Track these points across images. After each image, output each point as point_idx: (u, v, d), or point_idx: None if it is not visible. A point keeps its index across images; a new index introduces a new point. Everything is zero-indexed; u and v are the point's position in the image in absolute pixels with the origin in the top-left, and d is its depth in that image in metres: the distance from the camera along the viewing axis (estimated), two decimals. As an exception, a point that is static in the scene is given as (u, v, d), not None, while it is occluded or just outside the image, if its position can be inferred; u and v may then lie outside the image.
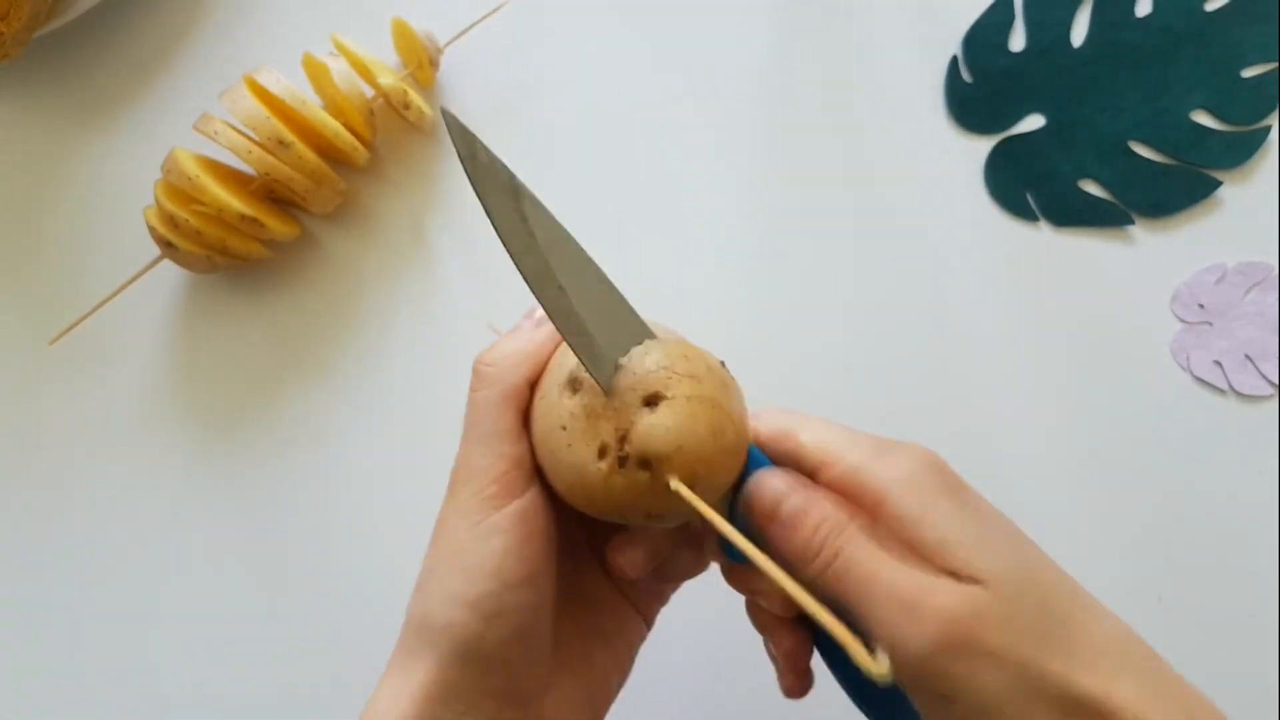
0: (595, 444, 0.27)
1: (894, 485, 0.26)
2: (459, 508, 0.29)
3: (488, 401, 0.30)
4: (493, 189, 0.28)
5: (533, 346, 0.30)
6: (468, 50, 0.48)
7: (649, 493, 0.26)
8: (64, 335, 0.47)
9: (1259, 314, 0.44)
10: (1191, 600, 0.42)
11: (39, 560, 0.48)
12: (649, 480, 0.26)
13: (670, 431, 0.26)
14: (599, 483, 0.27)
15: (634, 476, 0.26)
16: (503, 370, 0.30)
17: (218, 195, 0.43)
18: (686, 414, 0.26)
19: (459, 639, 0.27)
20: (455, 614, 0.27)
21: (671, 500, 0.26)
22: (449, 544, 0.29)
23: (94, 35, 0.51)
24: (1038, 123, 0.46)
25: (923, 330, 0.45)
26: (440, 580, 0.28)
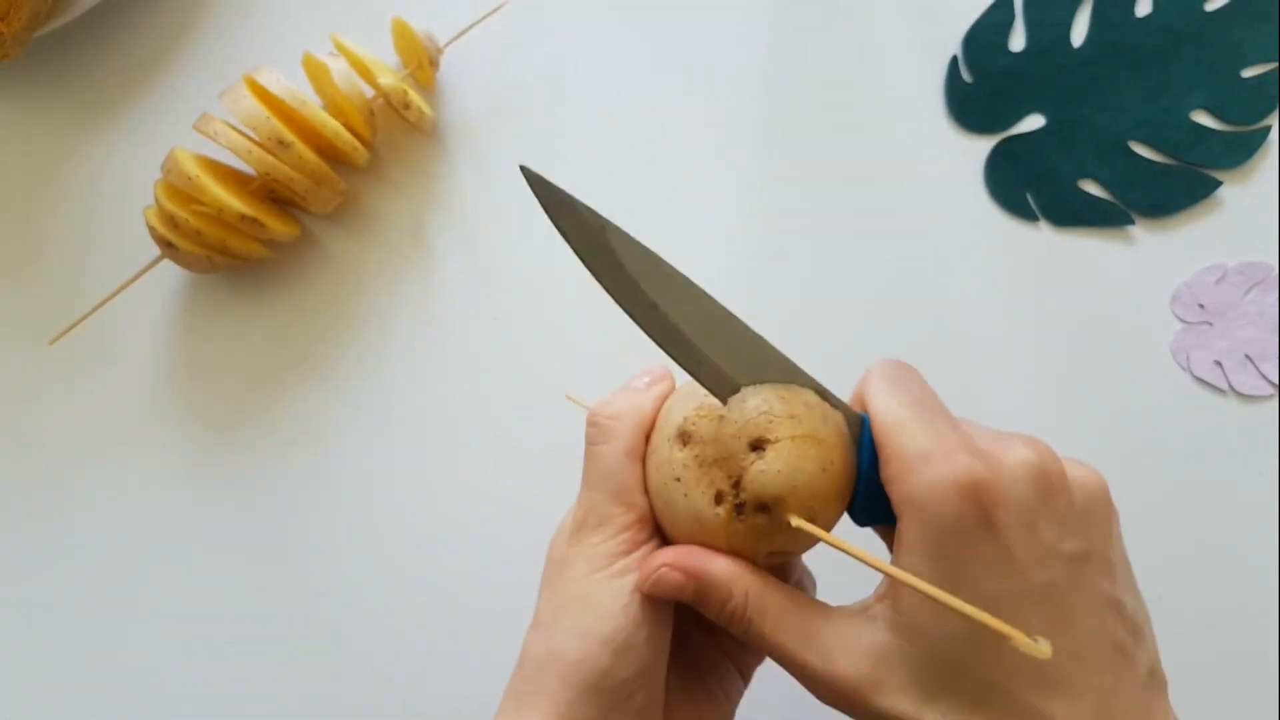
0: (711, 492, 0.28)
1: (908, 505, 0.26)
2: (590, 554, 0.30)
3: (615, 454, 0.30)
4: (584, 241, 0.29)
5: (647, 402, 0.31)
6: (468, 50, 0.48)
7: (769, 533, 0.28)
8: (64, 335, 0.47)
9: (1259, 314, 0.44)
10: (1191, 600, 0.42)
11: (39, 560, 0.48)
12: (768, 522, 0.28)
13: (781, 474, 0.27)
14: (720, 528, 0.28)
15: (753, 520, 0.28)
16: (624, 425, 0.31)
17: (218, 195, 0.43)
18: (794, 454, 0.27)
19: (590, 672, 0.28)
20: (588, 648, 0.28)
21: (793, 537, 0.27)
22: (580, 587, 0.30)
23: (94, 35, 0.51)
24: (1038, 123, 0.46)
25: (922, 330, 0.45)
26: (572, 618, 0.29)
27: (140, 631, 0.47)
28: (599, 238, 0.29)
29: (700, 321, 0.29)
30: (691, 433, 0.29)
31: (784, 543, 0.28)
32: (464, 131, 0.49)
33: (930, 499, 0.25)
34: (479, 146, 0.49)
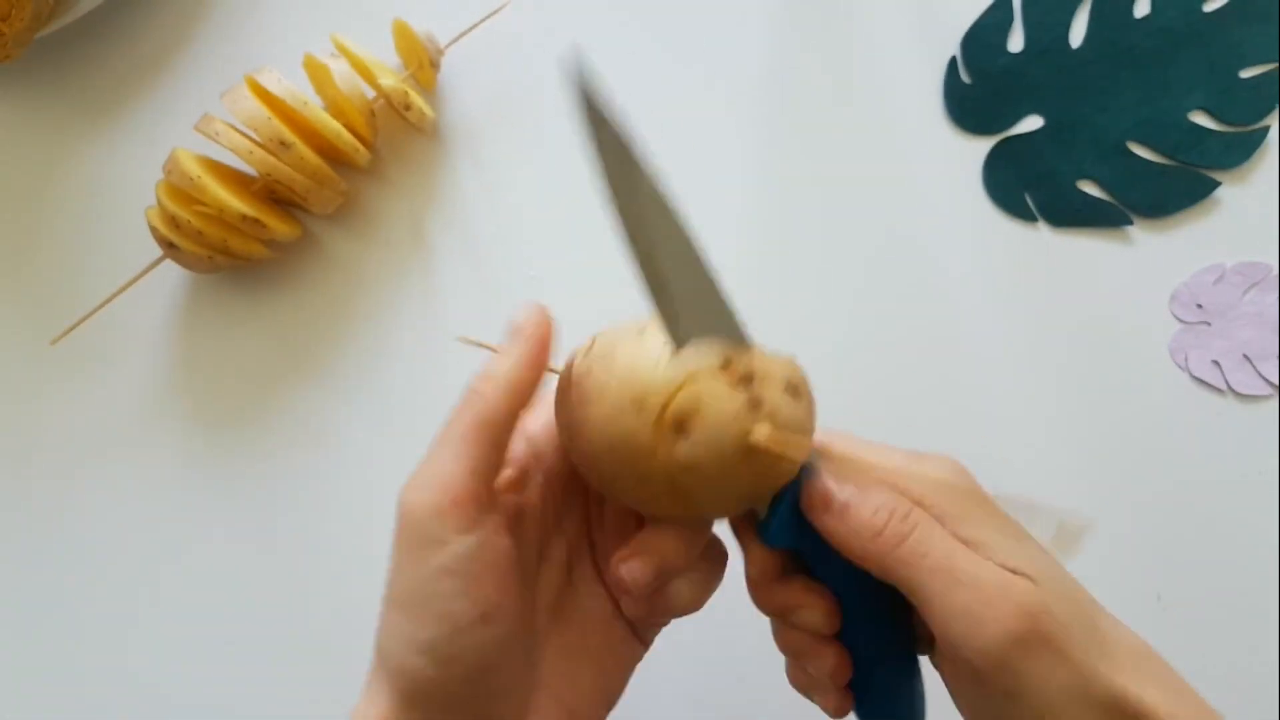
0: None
1: (931, 490, 0.27)
2: (404, 540, 0.27)
3: (452, 433, 0.28)
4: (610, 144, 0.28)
5: (519, 369, 0.29)
6: (469, 51, 0.48)
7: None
8: (65, 335, 0.47)
9: (1258, 314, 0.44)
10: (1191, 600, 0.43)
11: (39, 559, 0.48)
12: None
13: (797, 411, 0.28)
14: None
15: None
16: (490, 398, 0.29)
17: (219, 196, 0.43)
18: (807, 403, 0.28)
19: (414, 682, 0.26)
20: (408, 659, 0.26)
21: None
22: (398, 583, 0.27)
23: (95, 36, 0.51)
24: (1036, 123, 0.46)
25: (921, 330, 0.45)
26: (392, 620, 0.27)
27: (140, 631, 0.47)
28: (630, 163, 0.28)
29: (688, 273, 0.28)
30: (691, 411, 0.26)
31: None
32: (465, 132, 0.49)
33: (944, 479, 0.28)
34: (480, 147, 0.49)
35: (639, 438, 0.26)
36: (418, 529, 0.27)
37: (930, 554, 0.26)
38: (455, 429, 0.28)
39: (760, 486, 0.28)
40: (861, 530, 0.26)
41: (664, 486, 0.27)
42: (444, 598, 0.26)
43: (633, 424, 0.26)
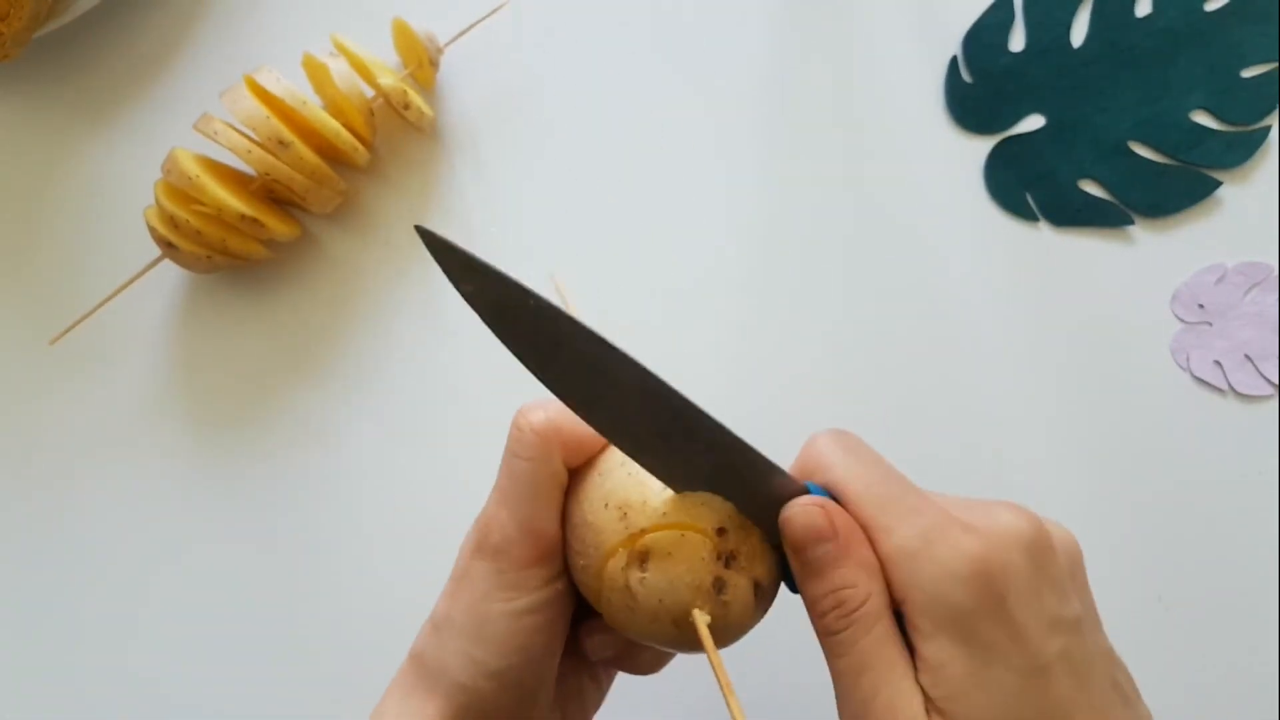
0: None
1: (929, 581, 0.25)
2: (491, 575, 0.29)
3: (533, 476, 0.29)
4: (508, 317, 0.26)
5: (582, 428, 0.29)
6: (468, 50, 0.48)
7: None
8: (64, 335, 0.47)
9: (1259, 314, 0.44)
10: (1191, 600, 0.43)
11: (39, 560, 0.48)
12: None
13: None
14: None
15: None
16: (552, 445, 0.29)
17: (218, 195, 0.43)
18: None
19: (475, 699, 0.29)
20: (477, 681, 0.28)
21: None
22: (478, 610, 0.29)
23: (94, 36, 0.51)
24: (1037, 123, 0.46)
25: (922, 330, 0.45)
26: (465, 640, 0.29)
27: (140, 631, 0.47)
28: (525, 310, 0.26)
29: (651, 411, 0.27)
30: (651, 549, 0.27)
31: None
32: (464, 132, 0.49)
33: (941, 586, 0.25)
34: (479, 147, 0.49)
35: (608, 541, 0.28)
36: (510, 574, 0.29)
37: (846, 656, 0.25)
38: (536, 476, 0.29)
39: (677, 644, 0.28)
40: (809, 602, 0.27)
41: (604, 594, 0.28)
42: (525, 634, 0.28)
43: (611, 526, 0.28)
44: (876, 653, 0.25)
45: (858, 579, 0.25)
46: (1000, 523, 0.26)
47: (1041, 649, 0.25)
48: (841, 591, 0.25)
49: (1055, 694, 0.24)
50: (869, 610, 0.25)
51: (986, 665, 0.24)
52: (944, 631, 0.25)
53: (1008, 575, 0.25)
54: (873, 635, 0.25)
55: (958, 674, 0.24)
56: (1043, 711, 0.24)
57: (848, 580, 0.26)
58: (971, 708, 0.24)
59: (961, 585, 0.24)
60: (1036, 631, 0.25)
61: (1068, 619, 0.26)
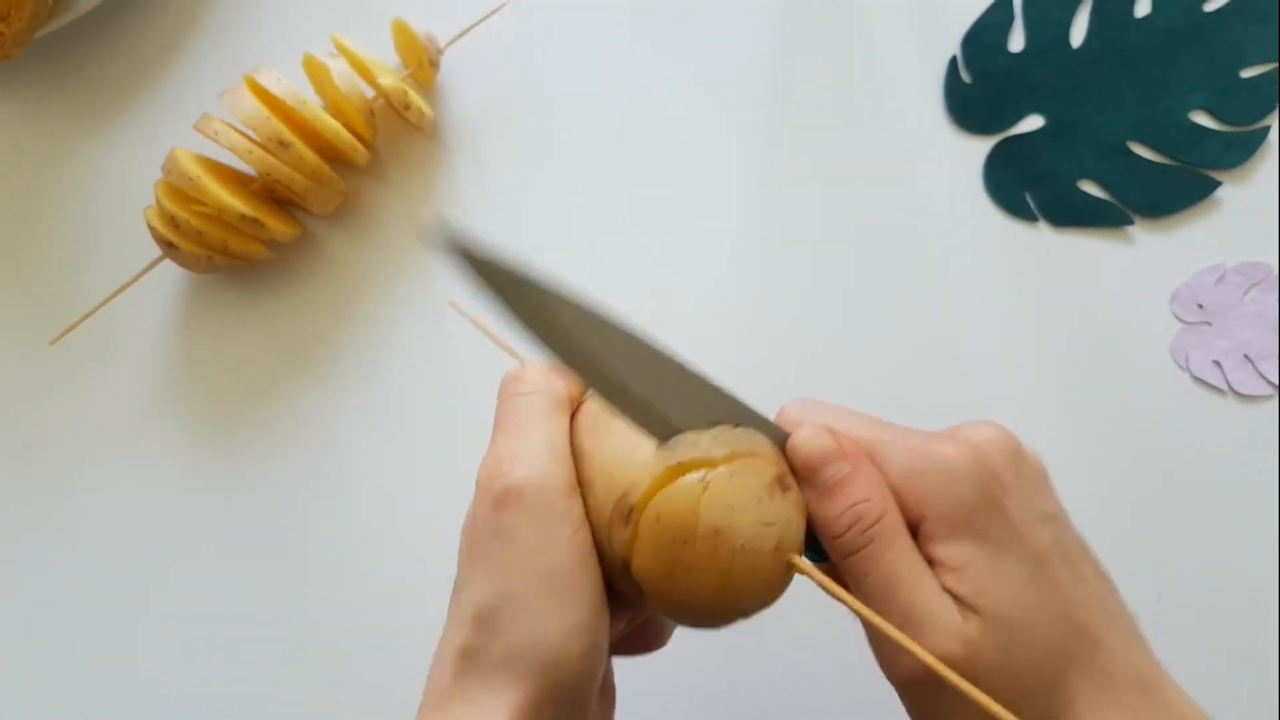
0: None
1: (934, 490, 0.26)
2: (535, 519, 0.25)
3: (542, 403, 0.27)
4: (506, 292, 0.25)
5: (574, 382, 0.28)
6: (468, 51, 0.48)
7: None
8: (65, 335, 0.47)
9: (1258, 314, 0.44)
10: (1191, 599, 0.42)
11: (39, 560, 0.48)
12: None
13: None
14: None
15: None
16: (551, 382, 0.28)
17: (218, 195, 0.43)
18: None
19: (565, 672, 0.25)
20: (567, 645, 0.25)
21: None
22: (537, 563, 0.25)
23: (95, 36, 0.51)
24: (1037, 123, 0.46)
25: (921, 330, 0.45)
26: (537, 605, 0.25)
27: (140, 630, 0.47)
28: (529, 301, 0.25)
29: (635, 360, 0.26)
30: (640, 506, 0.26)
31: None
32: (464, 132, 0.49)
33: (950, 489, 0.26)
34: (479, 147, 0.49)
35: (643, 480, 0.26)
36: (555, 507, 0.25)
37: (873, 573, 0.25)
38: (535, 408, 0.27)
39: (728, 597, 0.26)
40: (825, 526, 0.26)
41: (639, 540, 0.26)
42: (593, 578, 0.25)
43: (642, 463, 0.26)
44: (903, 566, 0.25)
45: (871, 494, 0.26)
46: (980, 433, 0.27)
47: (1038, 540, 0.26)
48: (858, 506, 0.26)
49: (1057, 579, 0.26)
50: (888, 524, 0.26)
51: (1000, 558, 0.25)
52: (960, 533, 0.25)
53: (999, 474, 0.26)
54: (896, 548, 0.25)
55: (980, 570, 0.25)
56: (1051, 596, 0.25)
57: (862, 495, 0.26)
58: (998, 599, 0.25)
59: (966, 484, 0.26)
60: (1030, 525, 0.26)
61: (1052, 513, 0.27)
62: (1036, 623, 0.25)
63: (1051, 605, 0.25)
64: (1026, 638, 0.25)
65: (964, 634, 0.24)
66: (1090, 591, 0.27)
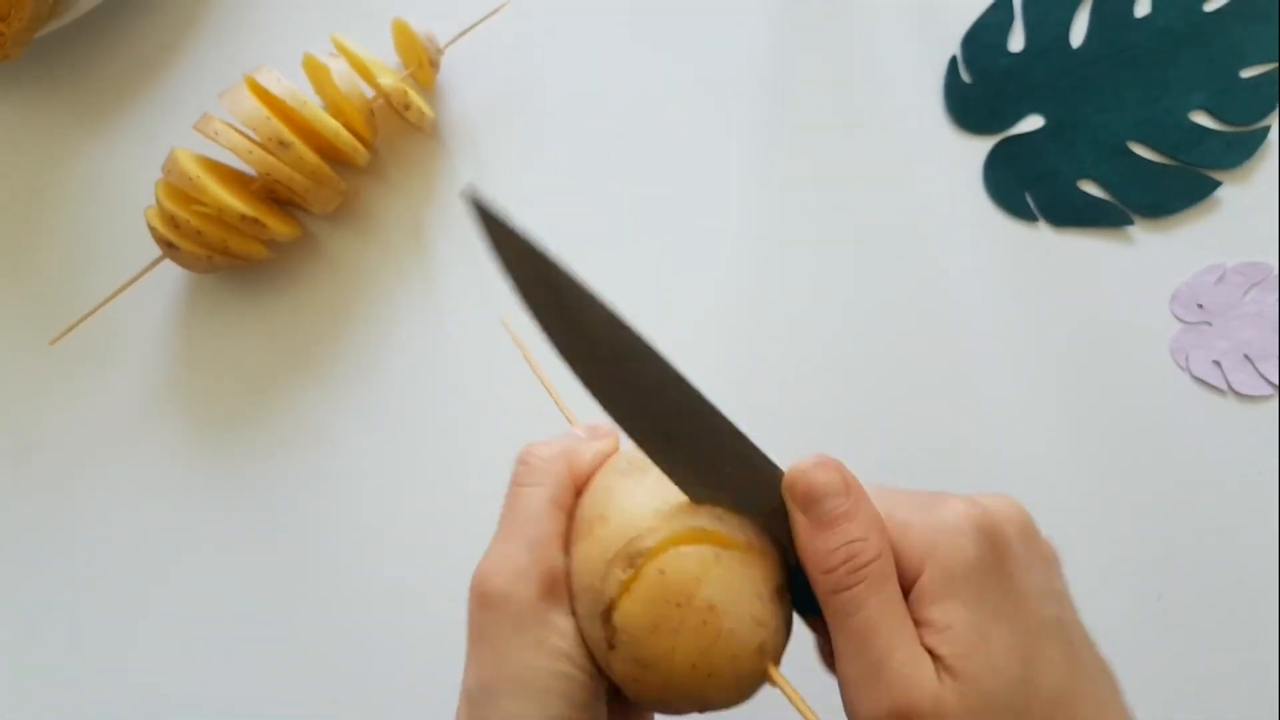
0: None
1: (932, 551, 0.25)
2: (505, 623, 0.26)
3: (539, 500, 0.28)
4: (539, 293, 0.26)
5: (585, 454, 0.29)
6: (468, 51, 0.48)
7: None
8: (64, 335, 0.47)
9: (1258, 314, 0.44)
10: (1191, 600, 0.42)
11: (39, 560, 0.48)
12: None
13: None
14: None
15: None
16: (557, 470, 0.28)
17: (218, 195, 0.43)
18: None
19: None
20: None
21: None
22: (510, 665, 0.26)
23: (95, 36, 0.51)
24: (1037, 123, 0.46)
25: (921, 330, 0.45)
26: (508, 702, 0.26)
27: (140, 631, 0.47)
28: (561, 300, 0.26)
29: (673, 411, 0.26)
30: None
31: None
32: (464, 132, 0.49)
33: (953, 547, 0.25)
34: (479, 147, 0.49)
35: (615, 573, 0.26)
36: (527, 615, 0.26)
37: (856, 614, 0.25)
38: (531, 506, 0.28)
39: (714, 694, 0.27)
40: (816, 559, 0.26)
41: (617, 640, 0.26)
42: (566, 679, 0.26)
43: (618, 554, 0.26)
44: (889, 612, 0.25)
45: (869, 534, 0.26)
46: (995, 501, 0.27)
47: (1038, 613, 0.26)
48: (854, 544, 0.25)
49: (1049, 658, 0.25)
50: (880, 568, 0.25)
51: (992, 624, 0.25)
52: (954, 593, 0.25)
53: (1008, 541, 0.26)
54: (884, 594, 0.25)
55: (965, 633, 0.25)
56: (1036, 674, 0.25)
57: (860, 533, 0.25)
58: (978, 665, 0.24)
59: (972, 544, 0.25)
60: (1032, 597, 0.26)
61: (1058, 591, 0.27)
62: (1014, 697, 0.24)
63: (1035, 684, 0.25)
64: (1000, 711, 0.24)
65: (935, 693, 0.24)
66: (1083, 678, 0.26)
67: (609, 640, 0.26)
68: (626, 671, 0.26)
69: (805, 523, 0.26)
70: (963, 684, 0.24)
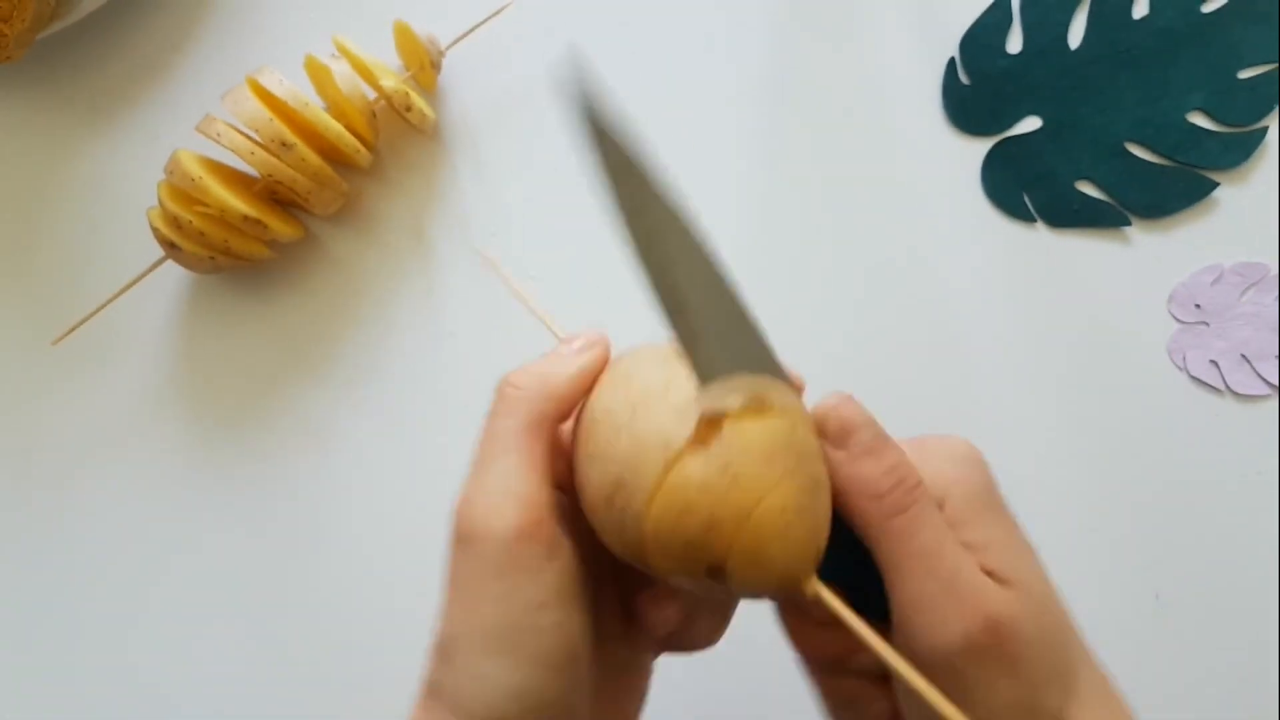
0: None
1: (943, 480, 0.26)
2: (482, 567, 0.24)
3: (509, 433, 0.25)
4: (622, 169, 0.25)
5: (563, 371, 0.26)
6: (469, 53, 0.48)
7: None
8: (67, 336, 0.47)
9: (1256, 314, 0.44)
10: (1190, 599, 0.43)
11: (39, 559, 0.48)
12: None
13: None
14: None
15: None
16: (531, 395, 0.26)
17: (221, 196, 0.43)
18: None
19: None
20: (501, 706, 0.23)
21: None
22: (479, 616, 0.24)
23: (97, 37, 0.51)
24: (1035, 124, 0.46)
25: (919, 331, 0.46)
26: (474, 657, 0.24)
27: (140, 631, 0.47)
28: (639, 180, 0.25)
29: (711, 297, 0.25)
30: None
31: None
32: (465, 134, 0.49)
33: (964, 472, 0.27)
34: (480, 148, 0.49)
35: (662, 448, 0.24)
36: (501, 555, 0.24)
37: (919, 535, 0.24)
38: (509, 429, 0.25)
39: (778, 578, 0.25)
40: (865, 485, 0.25)
41: (657, 523, 0.24)
42: (540, 634, 0.23)
43: (667, 423, 0.24)
44: (945, 535, 0.25)
45: (906, 459, 0.26)
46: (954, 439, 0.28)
47: (1023, 530, 0.27)
48: (900, 467, 0.25)
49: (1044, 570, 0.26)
50: (927, 490, 0.25)
51: (1015, 537, 0.26)
52: (981, 514, 0.26)
53: (989, 467, 0.27)
54: (938, 517, 0.25)
55: (1006, 546, 0.25)
56: (1054, 588, 0.26)
57: (903, 458, 0.26)
58: (1025, 574, 0.25)
59: (978, 470, 0.27)
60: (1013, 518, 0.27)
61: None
62: (1054, 598, 0.26)
63: (1054, 585, 0.26)
64: (1053, 612, 0.25)
65: (1009, 601, 0.24)
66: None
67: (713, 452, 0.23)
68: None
69: (845, 456, 0.26)
70: (1021, 591, 0.25)
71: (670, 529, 0.23)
